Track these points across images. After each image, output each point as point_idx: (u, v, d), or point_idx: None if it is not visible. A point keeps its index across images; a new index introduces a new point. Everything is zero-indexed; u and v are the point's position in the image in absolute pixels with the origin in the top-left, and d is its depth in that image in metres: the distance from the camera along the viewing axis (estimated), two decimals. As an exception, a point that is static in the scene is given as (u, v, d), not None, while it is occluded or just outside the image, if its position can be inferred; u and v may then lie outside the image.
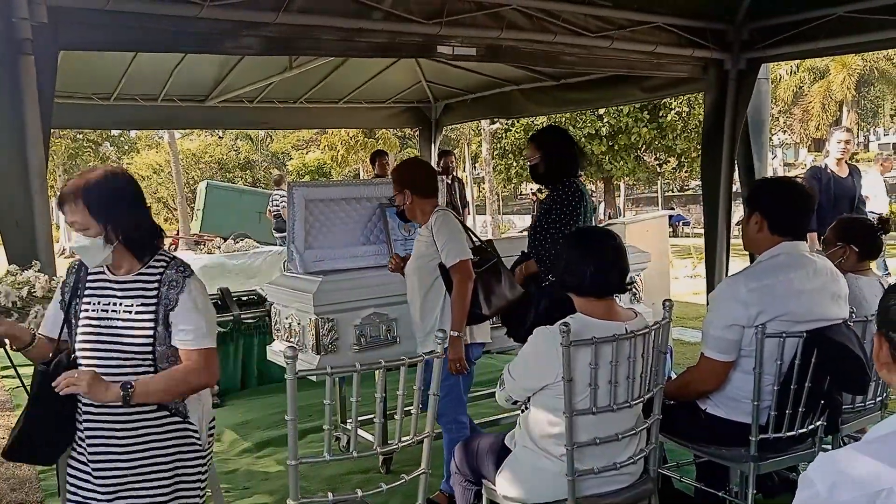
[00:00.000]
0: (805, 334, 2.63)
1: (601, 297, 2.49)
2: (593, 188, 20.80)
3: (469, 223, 3.78)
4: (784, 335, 2.63)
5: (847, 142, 5.57)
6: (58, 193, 2.21)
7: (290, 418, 2.16)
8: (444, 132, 9.01)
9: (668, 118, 20.53)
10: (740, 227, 3.03)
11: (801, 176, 5.65)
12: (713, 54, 4.87)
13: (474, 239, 3.46)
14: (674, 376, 3.37)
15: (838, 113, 28.82)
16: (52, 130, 3.62)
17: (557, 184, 3.67)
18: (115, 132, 25.88)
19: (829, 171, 5.39)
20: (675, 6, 4.62)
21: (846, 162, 5.51)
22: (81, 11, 3.12)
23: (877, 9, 4.16)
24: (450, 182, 8.15)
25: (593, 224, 3.69)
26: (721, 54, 4.90)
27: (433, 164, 7.72)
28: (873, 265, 3.45)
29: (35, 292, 2.61)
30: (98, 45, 3.52)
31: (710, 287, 4.67)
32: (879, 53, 25.63)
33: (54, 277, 2.67)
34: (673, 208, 26.13)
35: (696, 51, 4.80)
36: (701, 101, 18.93)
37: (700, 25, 4.77)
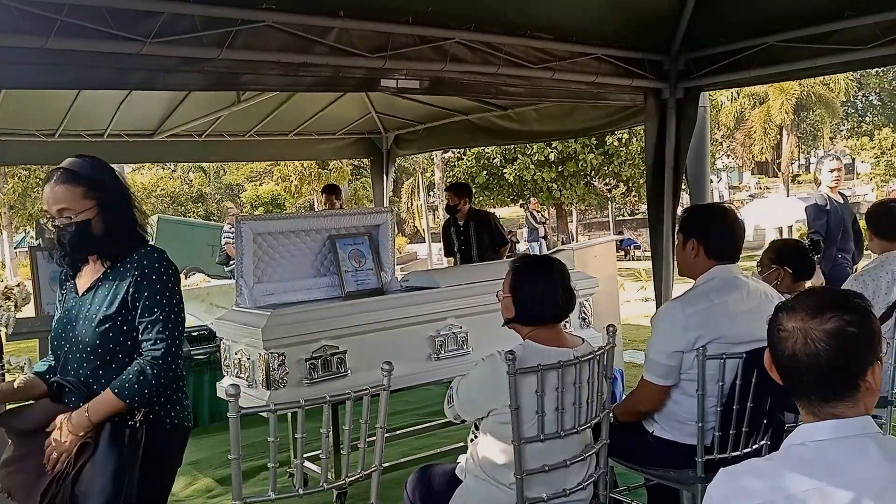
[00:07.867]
0: (744, 355, 2.69)
1: (545, 325, 2.53)
2: (546, 216, 21.08)
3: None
4: (724, 356, 2.70)
5: (839, 170, 5.59)
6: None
7: (233, 458, 2.14)
8: (396, 162, 8.94)
9: (611, 143, 21.00)
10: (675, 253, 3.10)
11: (809, 206, 5.53)
12: (652, 84, 5.01)
13: None
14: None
15: (779, 137, 29.73)
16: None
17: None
18: (63, 167, 25.24)
19: (830, 198, 5.45)
20: (612, 38, 4.74)
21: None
22: (19, 51, 3.05)
23: (807, 38, 4.32)
24: (461, 223, 7.09)
25: None
26: (659, 84, 5.03)
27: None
28: (808, 284, 3.56)
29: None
30: (38, 84, 3.46)
31: (659, 310, 4.76)
32: (817, 79, 26.56)
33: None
34: (622, 232, 26.54)
35: (636, 80, 4.93)
36: (640, 130, 19.57)
37: (637, 56, 4.91)
